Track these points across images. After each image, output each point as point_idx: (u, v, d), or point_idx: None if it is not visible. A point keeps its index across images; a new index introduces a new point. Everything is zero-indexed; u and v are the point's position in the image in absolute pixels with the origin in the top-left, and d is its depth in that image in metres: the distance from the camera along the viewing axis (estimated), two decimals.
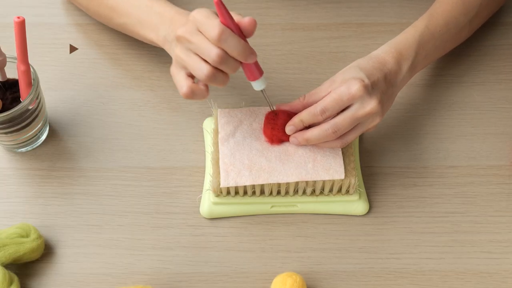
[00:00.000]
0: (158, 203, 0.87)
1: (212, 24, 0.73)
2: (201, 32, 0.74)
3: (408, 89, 0.96)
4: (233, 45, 0.73)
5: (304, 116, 0.81)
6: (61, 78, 0.97)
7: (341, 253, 0.84)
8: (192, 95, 0.77)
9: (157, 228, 0.85)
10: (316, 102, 0.82)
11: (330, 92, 0.80)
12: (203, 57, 0.74)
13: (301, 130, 0.82)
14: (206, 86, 0.78)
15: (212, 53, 0.73)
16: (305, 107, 0.82)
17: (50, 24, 1.02)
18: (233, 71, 0.75)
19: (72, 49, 0.99)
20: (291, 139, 0.83)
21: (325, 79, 0.96)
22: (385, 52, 0.85)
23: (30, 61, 0.83)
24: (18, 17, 0.78)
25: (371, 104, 0.79)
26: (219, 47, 0.73)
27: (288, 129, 0.82)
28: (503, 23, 1.03)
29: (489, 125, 0.93)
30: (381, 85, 0.81)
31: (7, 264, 0.79)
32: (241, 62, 0.76)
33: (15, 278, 0.78)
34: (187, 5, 1.04)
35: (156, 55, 0.98)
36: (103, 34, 1.00)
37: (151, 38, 0.87)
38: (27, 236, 0.81)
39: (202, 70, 0.74)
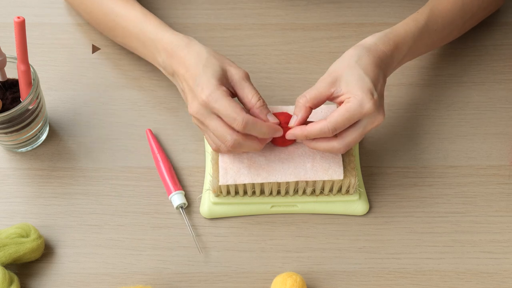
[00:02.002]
0: (158, 203, 0.87)
1: (233, 116, 0.76)
2: (216, 115, 0.78)
3: (408, 89, 0.96)
4: (257, 131, 0.78)
5: (311, 132, 0.78)
6: (61, 78, 0.97)
7: (341, 253, 0.84)
8: (239, 147, 0.80)
9: (157, 228, 0.85)
10: (320, 102, 0.79)
11: (340, 108, 0.77)
12: (220, 140, 0.79)
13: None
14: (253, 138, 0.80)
15: (228, 140, 0.78)
16: (312, 107, 0.80)
17: (50, 24, 1.02)
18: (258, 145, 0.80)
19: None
20: (288, 134, 0.80)
21: None
22: (383, 43, 0.82)
23: (30, 61, 0.83)
24: (18, 17, 0.78)
25: (378, 119, 0.78)
26: (236, 132, 0.78)
27: (290, 137, 0.80)
28: (503, 23, 1.03)
29: (489, 125, 0.93)
30: (383, 90, 0.80)
31: (7, 264, 0.79)
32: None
33: (15, 278, 0.78)
34: (187, 5, 1.04)
35: None
36: (103, 34, 1.00)
37: (151, 61, 0.89)
38: (27, 236, 0.81)
39: (221, 147, 0.80)
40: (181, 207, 0.85)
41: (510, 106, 0.95)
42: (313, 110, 0.81)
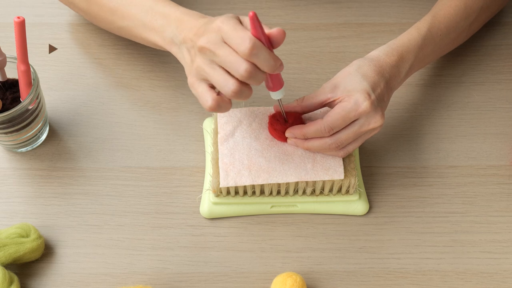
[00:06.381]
0: (158, 203, 0.87)
1: (242, 37, 0.69)
2: (227, 44, 0.71)
3: (408, 89, 0.96)
4: (264, 59, 0.69)
5: (308, 132, 0.80)
6: (61, 78, 0.97)
7: (341, 253, 0.84)
8: (218, 108, 0.73)
9: (157, 228, 0.85)
10: (314, 105, 0.81)
11: (336, 107, 0.78)
12: (229, 71, 0.71)
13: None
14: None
15: (241, 68, 0.69)
16: (303, 109, 0.82)
17: (50, 24, 1.02)
18: (259, 83, 0.71)
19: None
20: (289, 141, 0.83)
21: (325, 79, 0.96)
22: (386, 54, 0.83)
23: (30, 61, 0.83)
24: (18, 17, 0.78)
25: (376, 121, 0.79)
26: (248, 61, 0.69)
27: (288, 135, 0.82)
28: (503, 23, 1.03)
29: (489, 125, 0.93)
30: (384, 95, 0.81)
31: (7, 264, 0.79)
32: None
33: (15, 278, 0.78)
34: (188, 5, 1.04)
35: (156, 55, 0.98)
36: (103, 34, 1.00)
37: (155, 41, 0.84)
38: (27, 236, 0.81)
39: (228, 86, 0.70)
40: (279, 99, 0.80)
41: (510, 106, 0.95)
42: (313, 113, 0.82)
